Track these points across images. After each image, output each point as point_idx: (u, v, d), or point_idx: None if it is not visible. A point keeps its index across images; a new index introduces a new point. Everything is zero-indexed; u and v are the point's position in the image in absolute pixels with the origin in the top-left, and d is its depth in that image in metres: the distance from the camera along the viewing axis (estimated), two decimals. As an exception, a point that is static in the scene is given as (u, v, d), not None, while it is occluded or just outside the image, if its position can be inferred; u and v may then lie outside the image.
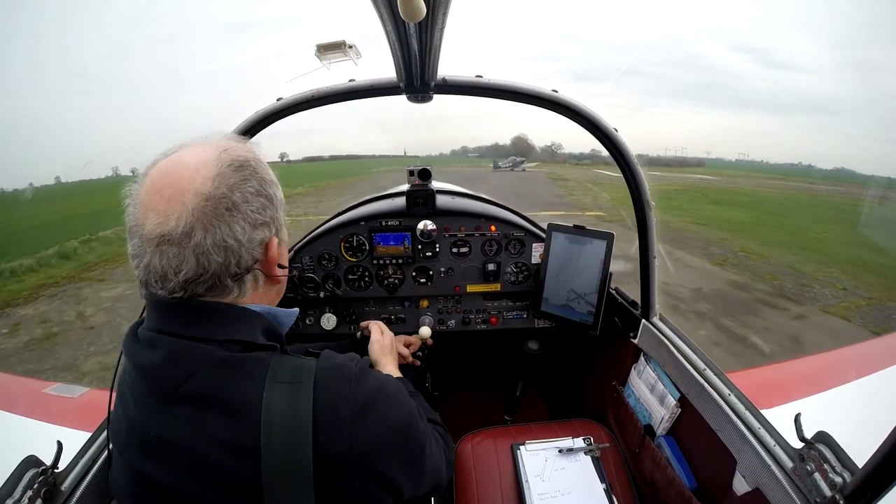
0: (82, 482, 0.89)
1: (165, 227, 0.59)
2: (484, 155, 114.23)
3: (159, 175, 0.63)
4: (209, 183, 0.62)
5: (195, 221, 0.60)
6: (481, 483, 1.36)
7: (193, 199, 0.60)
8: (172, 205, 0.60)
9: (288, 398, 0.60)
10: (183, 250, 0.60)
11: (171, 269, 0.60)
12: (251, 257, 0.66)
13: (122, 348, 0.68)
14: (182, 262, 0.60)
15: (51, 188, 44.17)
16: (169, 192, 0.61)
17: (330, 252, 1.71)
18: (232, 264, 0.64)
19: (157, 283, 0.62)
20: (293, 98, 1.26)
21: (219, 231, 0.61)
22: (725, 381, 1.14)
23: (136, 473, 0.63)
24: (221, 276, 0.63)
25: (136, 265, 0.63)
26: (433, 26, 0.76)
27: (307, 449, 0.58)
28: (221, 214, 0.62)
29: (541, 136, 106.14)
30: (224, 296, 0.66)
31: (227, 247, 0.62)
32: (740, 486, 1.02)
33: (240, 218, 0.64)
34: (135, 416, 0.63)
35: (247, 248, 0.65)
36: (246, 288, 0.68)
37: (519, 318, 1.88)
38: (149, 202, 0.61)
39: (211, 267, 0.62)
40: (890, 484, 0.68)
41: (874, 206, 13.08)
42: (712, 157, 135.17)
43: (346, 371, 0.67)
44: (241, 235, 0.64)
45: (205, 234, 0.60)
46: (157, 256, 0.60)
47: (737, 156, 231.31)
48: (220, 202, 0.62)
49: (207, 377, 0.60)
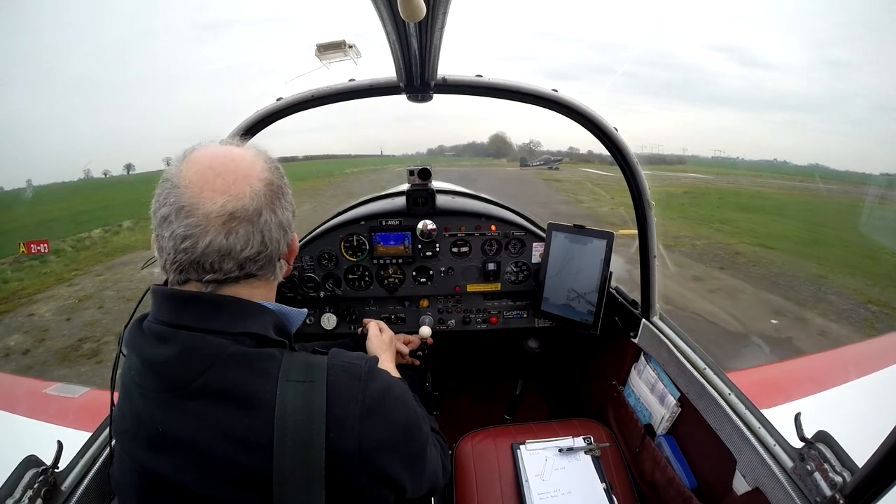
0: (83, 482, 0.89)
1: (237, 204, 0.63)
2: (460, 154, 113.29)
3: (213, 160, 0.65)
4: (268, 172, 0.69)
5: (264, 202, 0.66)
6: (481, 482, 1.36)
7: (260, 184, 0.66)
8: (239, 186, 0.64)
9: (302, 397, 0.61)
10: (252, 227, 0.64)
11: (238, 246, 0.64)
12: (287, 243, 0.74)
13: (126, 343, 0.68)
14: (250, 239, 0.64)
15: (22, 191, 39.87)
16: (232, 176, 0.64)
17: (330, 252, 1.71)
18: (283, 245, 0.71)
19: (212, 266, 0.63)
20: (293, 98, 1.26)
21: (279, 213, 0.69)
22: (726, 380, 1.14)
23: (141, 469, 0.63)
24: (273, 256, 0.69)
25: (189, 246, 0.62)
26: (433, 26, 0.76)
27: (320, 446, 0.59)
28: (279, 199, 0.69)
29: (519, 135, 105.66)
30: (267, 278, 0.71)
31: (283, 227, 0.70)
32: (740, 486, 1.02)
33: (287, 205, 0.72)
34: (142, 411, 0.63)
35: (289, 234, 0.73)
36: (279, 273, 0.74)
37: (519, 317, 1.88)
38: (206, 184, 0.63)
39: (271, 245, 0.68)
40: (890, 484, 0.68)
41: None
42: (689, 154, 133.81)
43: (356, 370, 0.68)
44: (289, 221, 0.72)
45: (271, 213, 0.67)
46: (224, 234, 0.62)
47: (713, 153, 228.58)
48: (278, 190, 0.69)
49: (222, 372, 0.61)
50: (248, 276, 0.67)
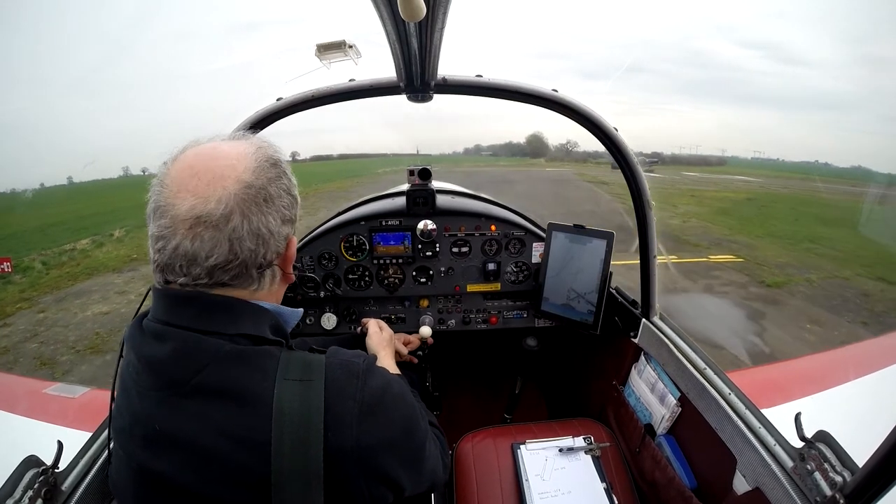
0: (83, 482, 0.89)
1: (204, 208, 0.59)
2: (497, 154, 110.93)
3: (196, 159, 0.63)
4: (250, 173, 0.63)
5: (235, 206, 0.61)
6: (481, 482, 1.36)
7: (235, 186, 0.61)
8: (212, 188, 0.60)
9: (300, 395, 0.60)
10: (219, 234, 0.60)
11: (203, 253, 0.60)
12: (276, 251, 0.68)
13: (126, 341, 0.67)
14: (215, 246, 0.60)
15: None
16: (208, 176, 0.61)
17: (330, 252, 1.71)
18: (260, 254, 0.65)
19: (181, 269, 0.61)
20: (293, 98, 1.26)
21: (255, 219, 0.63)
22: (726, 380, 1.14)
23: (138, 468, 0.63)
24: (248, 266, 0.64)
25: (161, 248, 0.61)
26: (433, 26, 0.76)
27: (318, 445, 0.59)
28: (260, 204, 0.63)
29: (555, 135, 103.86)
30: (244, 287, 0.66)
31: (261, 236, 0.64)
32: (740, 486, 1.02)
33: (273, 210, 0.66)
34: (139, 409, 0.63)
35: (275, 241, 0.67)
36: (265, 282, 0.69)
37: (519, 317, 1.88)
38: (183, 183, 0.60)
39: (242, 254, 0.62)
40: (890, 483, 0.68)
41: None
42: (728, 154, 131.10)
43: (354, 367, 0.68)
44: (273, 227, 0.66)
45: (242, 220, 0.61)
46: (190, 239, 0.59)
47: (752, 154, 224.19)
48: (260, 192, 0.63)
49: (218, 370, 0.60)
50: (220, 284, 0.64)
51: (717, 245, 10.18)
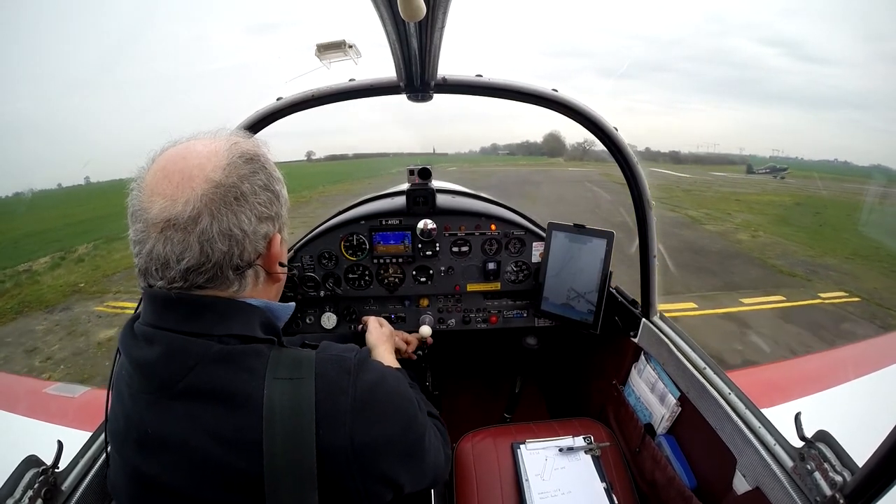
0: (83, 482, 0.89)
1: (172, 211, 0.58)
2: (514, 153, 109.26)
3: (168, 161, 0.62)
4: (220, 171, 0.61)
5: (203, 207, 0.59)
6: (481, 482, 1.36)
7: (203, 186, 0.60)
8: (181, 190, 0.59)
9: (290, 393, 0.60)
10: (188, 236, 0.59)
11: (174, 256, 0.59)
12: (254, 251, 0.66)
13: (119, 344, 0.67)
14: (185, 249, 0.59)
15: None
16: (178, 177, 0.60)
17: (330, 251, 1.71)
18: (235, 255, 0.63)
19: (158, 273, 0.61)
20: (293, 98, 1.26)
21: (226, 219, 0.61)
22: (726, 379, 1.14)
23: (132, 471, 0.63)
24: (223, 267, 0.63)
25: (138, 252, 0.61)
26: (433, 26, 0.76)
27: (310, 444, 0.58)
28: (230, 203, 0.61)
29: (572, 134, 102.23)
30: (224, 289, 0.65)
31: (233, 236, 0.62)
32: (740, 485, 1.02)
33: (247, 209, 0.63)
34: (132, 412, 0.63)
35: (251, 241, 0.64)
36: (246, 283, 0.67)
37: (519, 317, 1.88)
38: (155, 186, 0.60)
39: (214, 256, 0.61)
40: (890, 483, 0.68)
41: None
42: (746, 153, 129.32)
43: (346, 362, 0.66)
44: (247, 227, 0.63)
45: (211, 220, 0.60)
46: (161, 242, 0.59)
47: (770, 152, 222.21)
48: (230, 191, 0.61)
49: (206, 371, 0.60)
50: (198, 286, 0.62)
51: (814, 273, 7.87)
